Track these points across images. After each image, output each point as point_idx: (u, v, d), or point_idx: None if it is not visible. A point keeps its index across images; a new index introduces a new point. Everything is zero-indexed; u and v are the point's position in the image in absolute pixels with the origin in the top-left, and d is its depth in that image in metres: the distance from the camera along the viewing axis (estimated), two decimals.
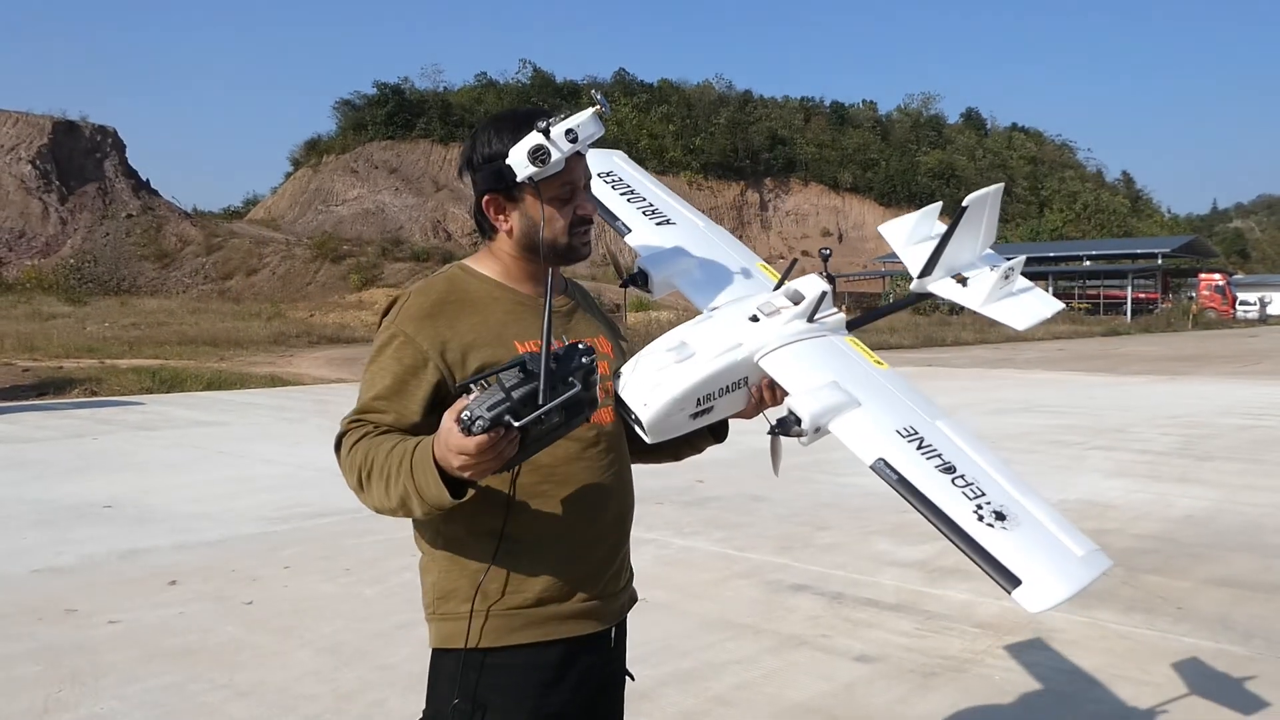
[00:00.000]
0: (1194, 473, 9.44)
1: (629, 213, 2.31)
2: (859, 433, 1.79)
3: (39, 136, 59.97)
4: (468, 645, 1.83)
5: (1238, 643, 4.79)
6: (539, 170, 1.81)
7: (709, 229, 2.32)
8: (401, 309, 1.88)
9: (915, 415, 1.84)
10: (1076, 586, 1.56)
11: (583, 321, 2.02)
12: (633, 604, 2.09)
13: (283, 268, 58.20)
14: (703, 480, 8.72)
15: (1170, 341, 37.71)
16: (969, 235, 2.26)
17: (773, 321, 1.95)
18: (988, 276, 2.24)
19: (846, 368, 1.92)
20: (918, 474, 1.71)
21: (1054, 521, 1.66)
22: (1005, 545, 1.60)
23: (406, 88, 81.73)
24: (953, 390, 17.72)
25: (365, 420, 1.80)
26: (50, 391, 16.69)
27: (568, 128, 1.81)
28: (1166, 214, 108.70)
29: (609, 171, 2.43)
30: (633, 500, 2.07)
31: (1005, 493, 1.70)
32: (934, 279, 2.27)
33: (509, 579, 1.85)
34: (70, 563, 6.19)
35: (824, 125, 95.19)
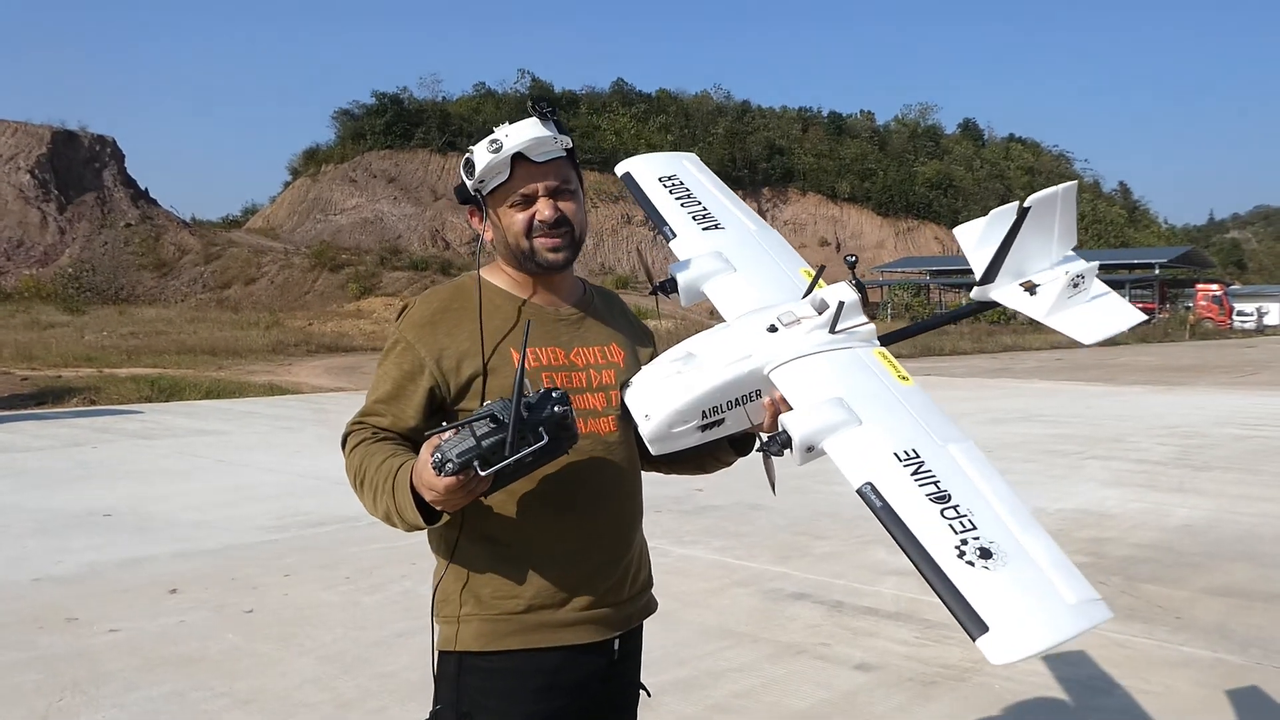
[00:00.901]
0: (1191, 482, 9.46)
1: (679, 217, 2.26)
2: (852, 454, 1.70)
3: (38, 146, 59.97)
4: (459, 648, 1.88)
5: (1235, 652, 4.80)
6: (473, 181, 1.87)
7: (761, 233, 2.26)
8: (408, 316, 1.95)
9: (924, 437, 1.73)
10: (1054, 639, 1.43)
11: (594, 330, 2.03)
12: (647, 614, 2.09)
13: (281, 277, 58.17)
14: (701, 489, 8.72)
15: (1167, 352, 37.76)
16: (1039, 238, 2.13)
17: (791, 332, 1.90)
18: (1056, 283, 2.12)
19: (859, 383, 1.83)
20: (904, 502, 1.61)
21: (1053, 564, 1.53)
22: (982, 587, 1.48)
23: (405, 97, 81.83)
24: (950, 400, 17.73)
25: (366, 423, 1.88)
26: (49, 400, 16.67)
27: (492, 137, 1.85)
28: (1163, 225, 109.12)
29: (672, 175, 2.39)
30: (638, 509, 2.07)
31: (1004, 528, 1.57)
32: (998, 285, 2.15)
33: (501, 584, 1.88)
34: (70, 571, 6.19)
35: (822, 135, 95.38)
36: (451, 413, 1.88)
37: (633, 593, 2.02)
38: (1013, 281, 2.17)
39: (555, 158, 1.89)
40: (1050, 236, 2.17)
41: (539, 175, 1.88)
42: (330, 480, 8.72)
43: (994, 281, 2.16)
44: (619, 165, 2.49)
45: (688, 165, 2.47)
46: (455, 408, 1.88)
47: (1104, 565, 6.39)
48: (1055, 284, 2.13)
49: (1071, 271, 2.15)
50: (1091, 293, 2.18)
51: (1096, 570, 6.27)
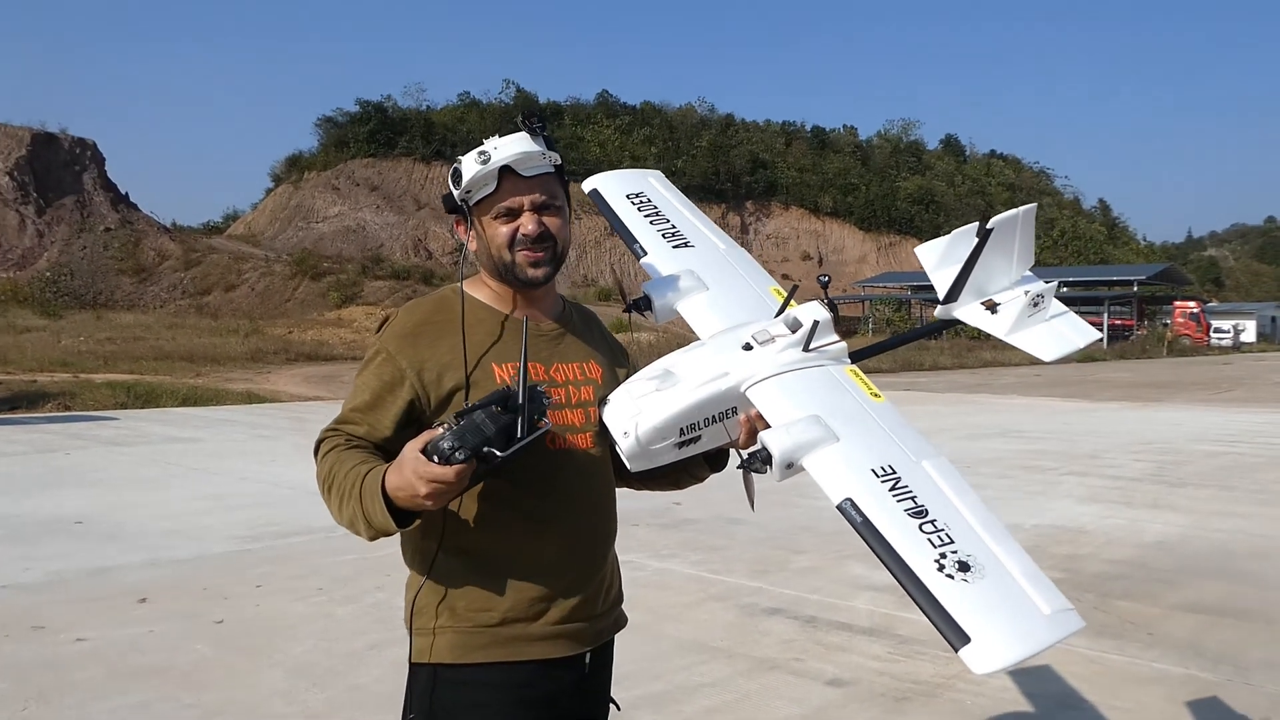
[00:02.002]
0: (1166, 499, 9.52)
1: (648, 235, 2.28)
2: (831, 471, 1.73)
3: (17, 148, 59.52)
4: (433, 660, 1.87)
5: (1206, 669, 4.83)
6: (459, 192, 1.89)
7: (730, 252, 2.29)
8: (389, 327, 1.95)
9: (899, 453, 1.77)
10: (1033, 648, 1.48)
11: (573, 346, 2.04)
12: (618, 629, 2.09)
13: (262, 284, 57.89)
14: (679, 503, 8.72)
15: (1145, 368, 38.07)
16: (999, 258, 2.18)
17: (766, 350, 1.92)
18: (1017, 301, 2.16)
19: (835, 400, 1.86)
20: (883, 517, 1.64)
21: (1027, 576, 1.57)
22: (962, 599, 1.51)
23: (389, 106, 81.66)
24: (928, 415, 17.82)
25: (341, 430, 1.88)
26: (23, 405, 16.52)
27: (481, 149, 1.87)
28: (1142, 242, 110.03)
29: (639, 193, 2.40)
30: (613, 525, 2.08)
31: (979, 542, 1.61)
32: (961, 304, 2.19)
33: (475, 596, 1.88)
34: (39, 579, 6.12)
35: (805, 149, 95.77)
36: (429, 426, 1.86)
37: (605, 607, 2.03)
38: (974, 300, 2.22)
39: (543, 173, 1.91)
40: (1010, 257, 2.21)
41: (525, 190, 1.90)
42: (306, 490, 8.67)
43: (957, 300, 2.21)
44: (586, 182, 2.49)
45: (654, 183, 2.49)
46: (435, 421, 1.87)
47: (1078, 582, 6.41)
48: (1015, 303, 2.17)
49: (1031, 291, 2.19)
50: (1050, 311, 2.22)
51: (1071, 587, 6.29)
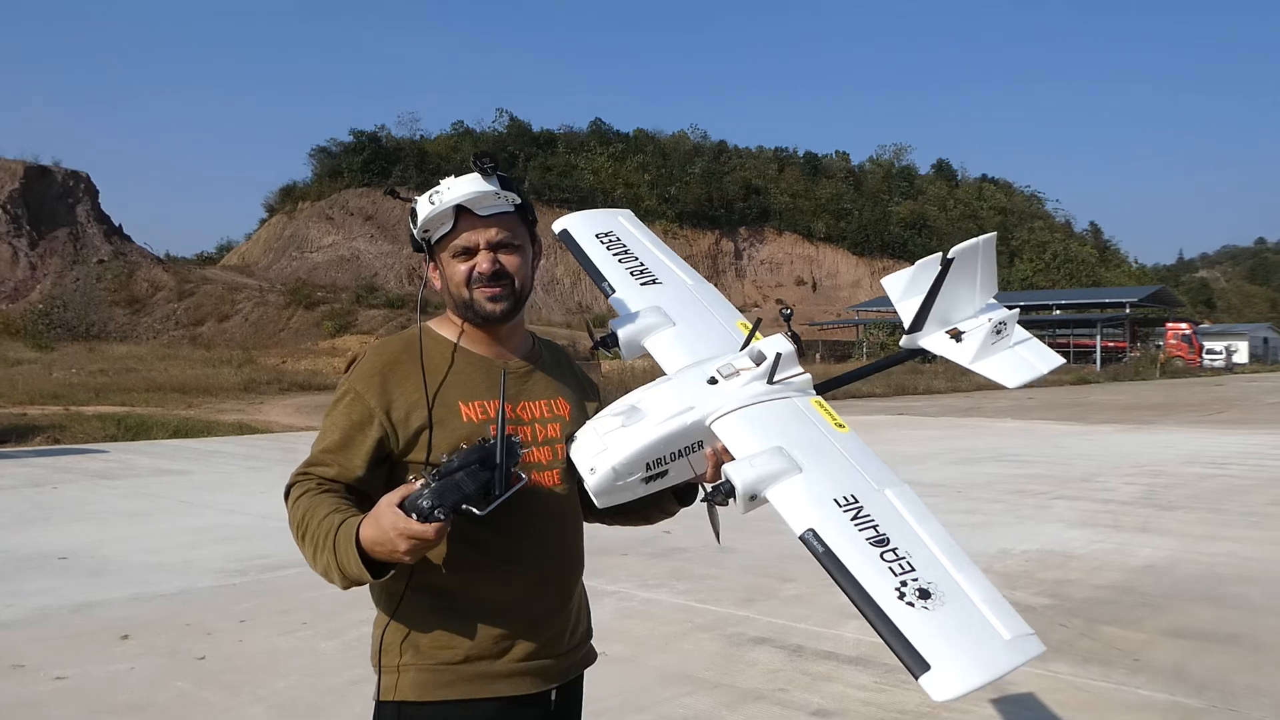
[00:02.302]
0: (1156, 522, 9.51)
1: (617, 273, 2.31)
2: (793, 502, 1.75)
3: (10, 181, 59.71)
4: (397, 698, 1.87)
5: (1192, 695, 4.81)
6: (419, 231, 1.93)
7: (698, 288, 2.32)
8: (357, 367, 1.96)
9: (861, 482, 1.79)
10: (992, 674, 1.49)
11: (541, 383, 2.05)
12: (587, 664, 2.10)
13: (255, 314, 57.95)
14: (669, 531, 8.70)
15: (1138, 390, 38.13)
16: (962, 287, 2.21)
17: (731, 384, 1.93)
18: (980, 329, 2.19)
19: (799, 431, 1.88)
20: (845, 547, 1.66)
21: (988, 602, 1.59)
22: (922, 627, 1.53)
23: (383, 135, 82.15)
24: (921, 439, 17.82)
25: (311, 474, 1.87)
26: (12, 439, 16.46)
27: (435, 188, 1.90)
28: (1134, 264, 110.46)
29: (608, 232, 2.43)
30: (579, 563, 2.09)
31: (940, 569, 1.64)
32: (926, 334, 2.22)
33: (439, 634, 1.88)
34: (21, 616, 6.08)
35: (797, 175, 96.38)
36: (400, 464, 1.89)
37: (572, 644, 2.04)
38: (939, 329, 2.24)
39: (500, 212, 1.93)
40: (973, 286, 2.24)
41: (481, 228, 1.92)
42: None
43: (922, 330, 2.23)
44: (556, 223, 2.53)
45: (623, 222, 2.51)
46: (404, 459, 1.89)
47: (1066, 607, 6.40)
48: (979, 331, 2.20)
49: (994, 319, 2.21)
50: (1014, 339, 2.25)
51: (1058, 612, 6.28)
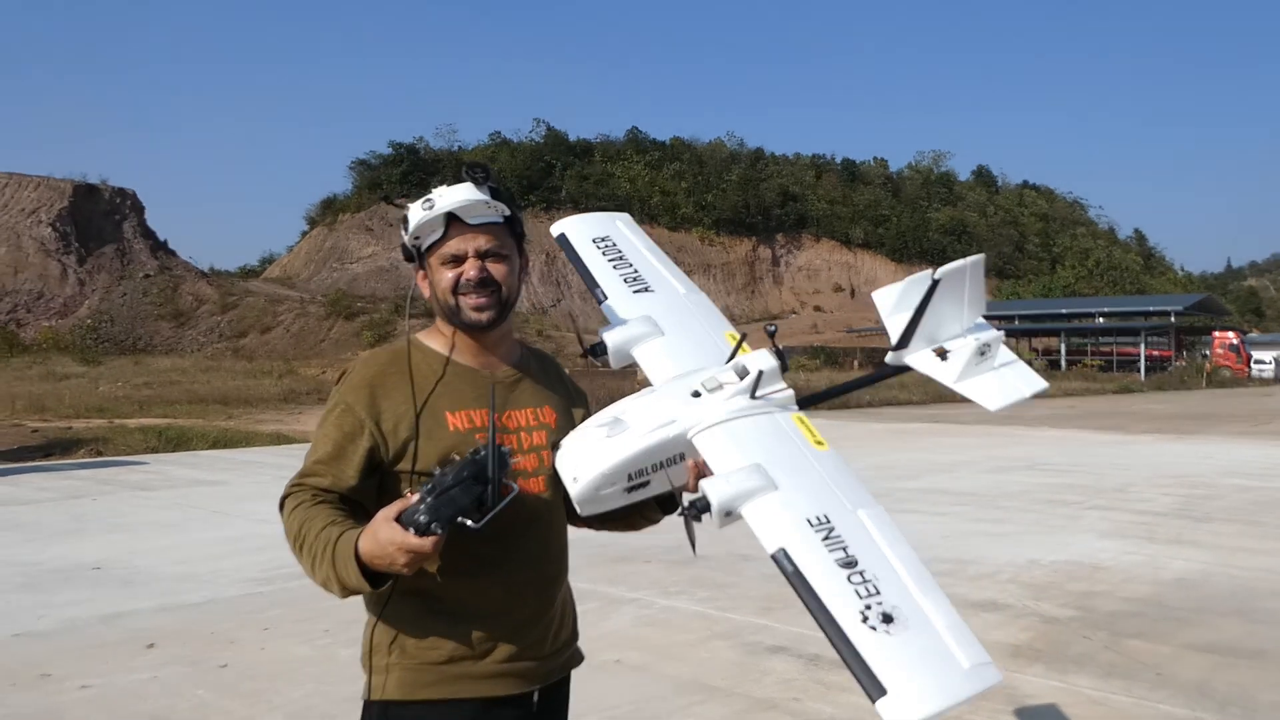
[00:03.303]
0: (1190, 534, 9.35)
1: (610, 280, 2.32)
2: (767, 520, 1.76)
3: (59, 199, 61.00)
4: (384, 697, 1.93)
5: (1213, 710, 4.73)
6: (410, 238, 1.98)
7: (689, 297, 2.33)
8: (347, 379, 2.01)
9: (835, 502, 1.80)
10: (948, 702, 1.50)
11: (528, 392, 2.09)
12: (571, 667, 2.14)
13: (296, 325, 58.69)
14: (695, 555, 8.67)
15: (1182, 400, 37.49)
16: (950, 306, 2.21)
17: (714, 398, 1.95)
18: (966, 349, 2.20)
19: (778, 448, 1.89)
20: (814, 568, 1.67)
21: (950, 629, 1.60)
22: (881, 651, 1.55)
23: (421, 147, 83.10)
24: (955, 447, 17.65)
25: (305, 484, 1.92)
26: (56, 452, 16.78)
27: (426, 196, 1.95)
28: (1180, 272, 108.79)
29: (604, 237, 2.44)
30: (563, 568, 2.13)
31: (906, 593, 1.64)
32: (911, 351, 2.23)
33: (425, 636, 1.93)
34: (51, 626, 6.21)
35: (835, 182, 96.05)
36: (391, 474, 1.94)
37: (555, 647, 2.08)
38: (926, 347, 2.24)
39: (490, 222, 1.97)
40: (961, 305, 2.24)
41: (471, 237, 1.97)
42: None
43: (908, 347, 2.23)
44: (554, 226, 2.56)
45: (620, 226, 2.52)
46: (394, 469, 1.93)
47: (1090, 620, 6.31)
48: (964, 351, 2.20)
49: (980, 340, 2.21)
50: (998, 360, 2.24)
51: (1082, 625, 6.20)
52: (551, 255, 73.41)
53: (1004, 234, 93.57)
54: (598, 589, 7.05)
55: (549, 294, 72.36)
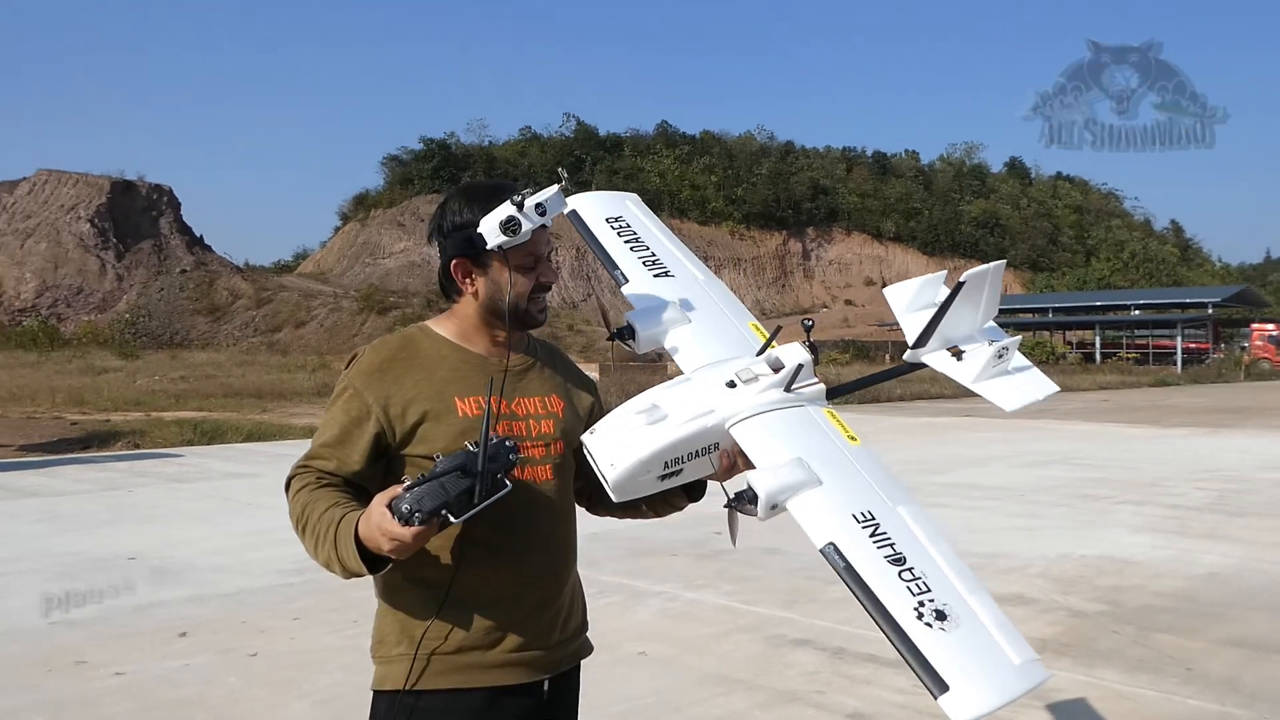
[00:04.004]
0: (1224, 529, 9.24)
1: (629, 262, 2.31)
2: (814, 514, 1.77)
3: (98, 196, 61.91)
4: (392, 687, 1.95)
5: (1243, 705, 4.68)
6: (508, 240, 1.93)
7: (708, 283, 2.32)
8: (356, 364, 2.02)
9: (877, 499, 1.81)
10: (1006, 698, 1.52)
11: (536, 380, 2.11)
12: (581, 657, 2.15)
13: (330, 320, 59.22)
14: (720, 532, 8.69)
15: (1219, 393, 36.93)
16: (967, 309, 2.24)
17: (749, 389, 1.95)
18: (982, 352, 2.22)
19: (815, 443, 1.90)
20: (866, 564, 1.68)
21: (998, 626, 1.62)
22: (940, 648, 1.56)
23: (452, 142, 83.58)
24: (987, 441, 17.52)
25: (310, 467, 1.95)
26: (94, 444, 17.04)
27: (538, 202, 1.92)
28: (1217, 263, 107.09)
29: (618, 217, 2.43)
30: (571, 556, 2.14)
31: (953, 591, 1.66)
32: (928, 350, 2.26)
33: (433, 625, 1.94)
34: (86, 614, 6.33)
35: (866, 175, 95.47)
36: (397, 458, 1.96)
37: (564, 637, 2.08)
38: (941, 347, 2.26)
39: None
40: (977, 309, 2.27)
41: (544, 240, 2.00)
42: None
43: (926, 346, 2.26)
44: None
45: (631, 207, 2.50)
46: (401, 453, 1.95)
47: (1120, 614, 6.26)
48: (981, 354, 2.22)
49: (998, 344, 2.23)
50: (1013, 364, 2.26)
51: (1112, 619, 6.15)
52: (581, 250, 73.58)
53: (1038, 226, 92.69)
54: (622, 582, 7.08)
55: (579, 288, 72.53)
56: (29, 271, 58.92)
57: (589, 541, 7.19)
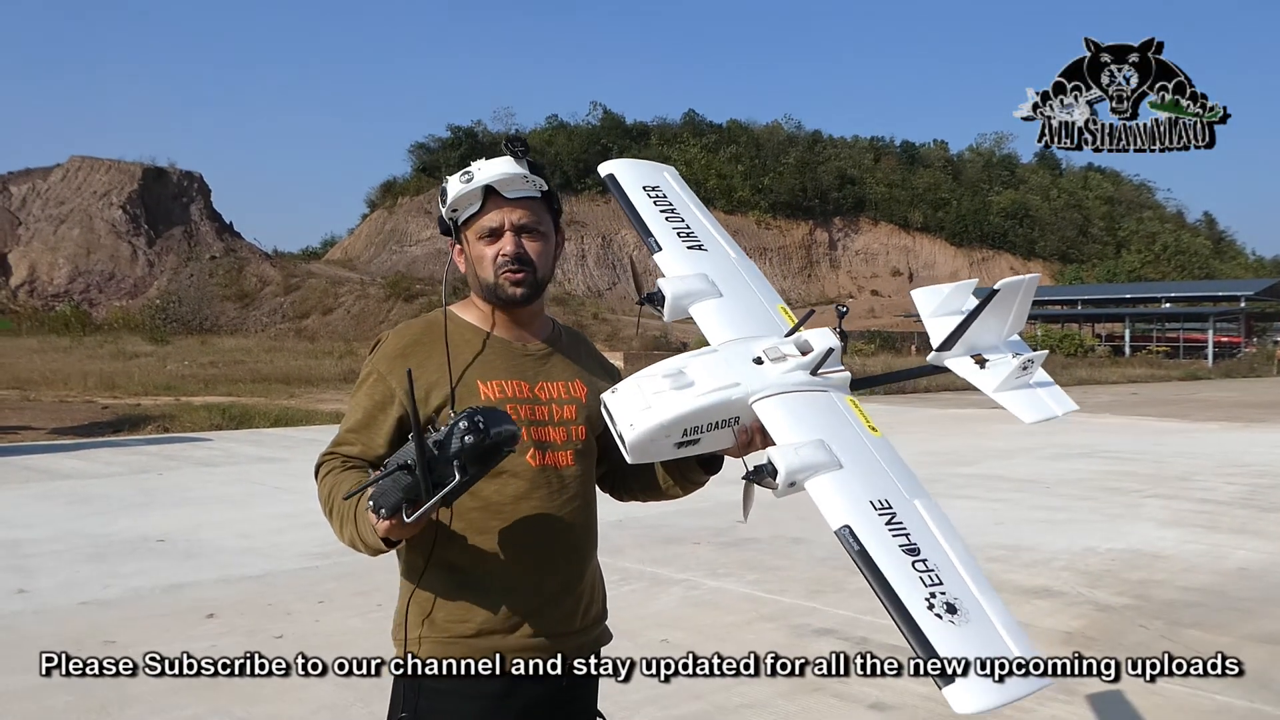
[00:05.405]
0: (1254, 524, 9.13)
1: (664, 231, 2.31)
2: (831, 496, 1.77)
3: (129, 183, 62.57)
4: (409, 669, 1.97)
5: (1273, 702, 4.63)
6: (448, 210, 1.97)
7: (740, 262, 2.32)
8: (380, 349, 2.04)
9: (894, 489, 1.81)
10: (1011, 696, 1.53)
11: (559, 366, 2.11)
12: (600, 644, 2.14)
13: (357, 307, 59.57)
14: (743, 521, 8.68)
15: (1251, 387, 36.48)
16: (996, 318, 2.24)
17: (775, 367, 1.96)
18: (1008, 363, 2.22)
19: (837, 428, 1.90)
20: (880, 551, 1.68)
21: (1005, 626, 1.62)
22: (949, 640, 1.57)
23: (479, 130, 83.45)
24: (1014, 434, 17.37)
25: (337, 453, 1.97)
26: (125, 428, 17.26)
27: (465, 169, 1.94)
28: (1251, 256, 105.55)
29: (655, 186, 2.43)
30: (593, 542, 2.14)
31: (964, 586, 1.66)
32: (953, 355, 2.26)
33: (454, 608, 1.96)
34: (116, 596, 6.42)
35: (894, 165, 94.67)
36: None
37: (584, 624, 2.09)
38: (966, 354, 2.26)
39: (527, 196, 1.98)
40: (1005, 320, 2.26)
41: (508, 210, 1.98)
42: None
43: (950, 350, 2.26)
44: (602, 166, 2.50)
45: (669, 179, 2.50)
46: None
47: (1148, 609, 6.21)
48: (1005, 365, 2.23)
49: (1022, 356, 2.24)
50: (1035, 379, 2.26)
51: (1139, 614, 6.10)
52: (608, 239, 73.57)
53: (1068, 217, 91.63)
54: (646, 569, 7.09)
55: (605, 277, 72.59)
56: (62, 257, 59.66)
57: (612, 529, 7.21)
